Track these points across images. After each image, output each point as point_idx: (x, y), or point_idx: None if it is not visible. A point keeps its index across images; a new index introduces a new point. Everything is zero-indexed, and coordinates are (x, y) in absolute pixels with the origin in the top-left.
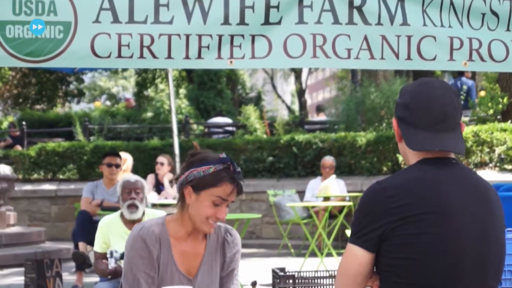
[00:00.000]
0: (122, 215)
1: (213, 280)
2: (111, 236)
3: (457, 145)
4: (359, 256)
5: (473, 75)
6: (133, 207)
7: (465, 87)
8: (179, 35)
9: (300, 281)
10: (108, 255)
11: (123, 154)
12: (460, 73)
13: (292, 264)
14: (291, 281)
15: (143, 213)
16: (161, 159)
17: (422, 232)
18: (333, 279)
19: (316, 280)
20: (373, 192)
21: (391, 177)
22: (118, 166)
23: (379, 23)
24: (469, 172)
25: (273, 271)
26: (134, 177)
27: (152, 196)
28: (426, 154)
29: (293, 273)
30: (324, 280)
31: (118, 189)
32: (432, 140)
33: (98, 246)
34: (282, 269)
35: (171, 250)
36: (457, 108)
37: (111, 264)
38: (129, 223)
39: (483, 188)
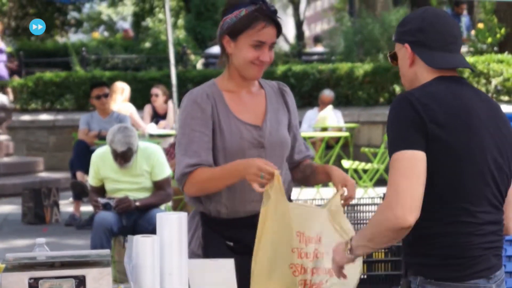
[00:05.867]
0: None
1: (282, 129)
2: (102, 169)
3: (468, 63)
4: (420, 155)
5: (470, 9)
6: (122, 166)
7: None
8: None
9: None
10: (105, 201)
11: (121, 84)
12: (457, 11)
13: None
14: None
15: (135, 156)
16: (155, 90)
17: (456, 139)
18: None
19: None
20: (408, 101)
21: (418, 89)
22: (106, 95)
23: None
24: (480, 91)
25: None
26: (121, 147)
27: (150, 127)
28: (440, 73)
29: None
30: None
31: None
32: (449, 58)
33: (91, 179)
34: None
35: (226, 103)
36: (460, 31)
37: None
38: None
39: (496, 106)
